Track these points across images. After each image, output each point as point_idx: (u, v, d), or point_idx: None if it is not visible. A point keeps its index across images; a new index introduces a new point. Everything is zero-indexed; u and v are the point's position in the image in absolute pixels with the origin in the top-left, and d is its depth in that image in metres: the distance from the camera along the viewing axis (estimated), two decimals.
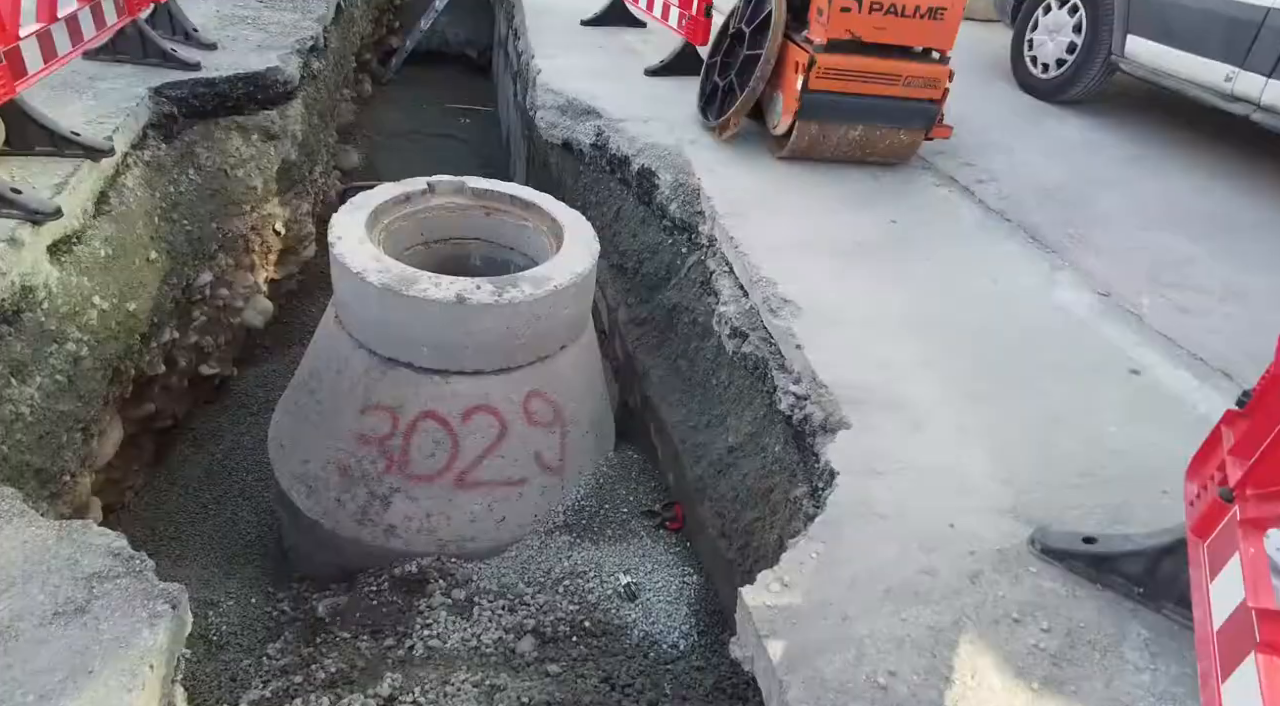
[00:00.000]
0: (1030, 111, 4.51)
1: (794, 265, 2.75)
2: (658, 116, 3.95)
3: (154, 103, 3.39)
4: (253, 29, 4.47)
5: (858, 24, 3.17)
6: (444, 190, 3.14)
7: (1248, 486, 1.38)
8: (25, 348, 2.26)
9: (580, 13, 5.63)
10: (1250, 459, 1.41)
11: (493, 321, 2.52)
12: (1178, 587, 1.56)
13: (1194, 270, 2.99)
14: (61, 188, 2.53)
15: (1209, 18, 3.62)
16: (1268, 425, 1.39)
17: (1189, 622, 1.52)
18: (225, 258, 3.86)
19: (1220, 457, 1.55)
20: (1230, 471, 1.47)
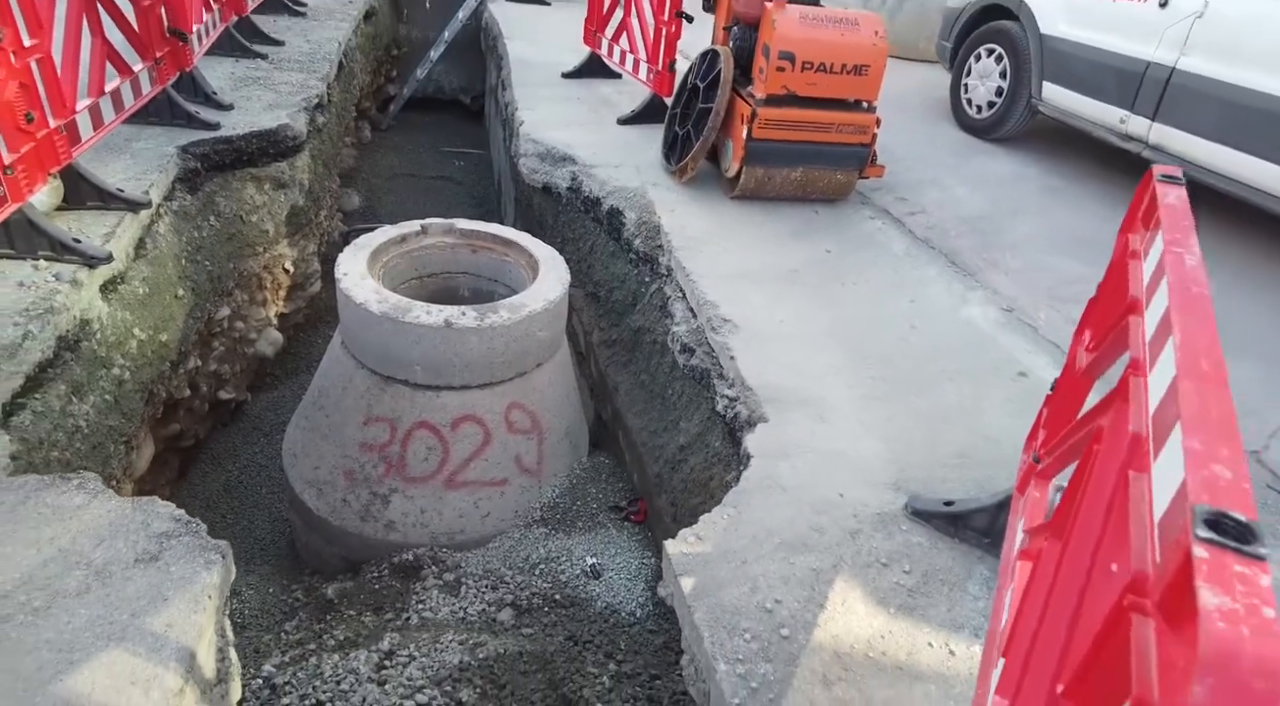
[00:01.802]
0: (965, 148, 5.00)
1: (736, 290, 3.19)
2: (627, 162, 4.43)
3: (181, 159, 3.86)
4: (264, 89, 4.97)
5: (793, 81, 3.66)
6: (435, 231, 3.60)
7: (1044, 449, 1.81)
8: (82, 371, 2.69)
9: (561, 65, 6.16)
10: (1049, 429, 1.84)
11: (476, 343, 2.95)
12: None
13: (1087, 287, 3.40)
14: (110, 236, 2.98)
15: (1103, 68, 4.12)
16: (1056, 403, 1.82)
17: None
18: (241, 294, 4.31)
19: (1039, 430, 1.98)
20: (1040, 440, 1.90)
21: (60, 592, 1.62)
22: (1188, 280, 1.08)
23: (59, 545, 1.71)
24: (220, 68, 5.14)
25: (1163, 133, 3.85)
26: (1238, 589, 0.58)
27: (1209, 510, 0.65)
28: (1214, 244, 3.90)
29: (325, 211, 5.63)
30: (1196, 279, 1.09)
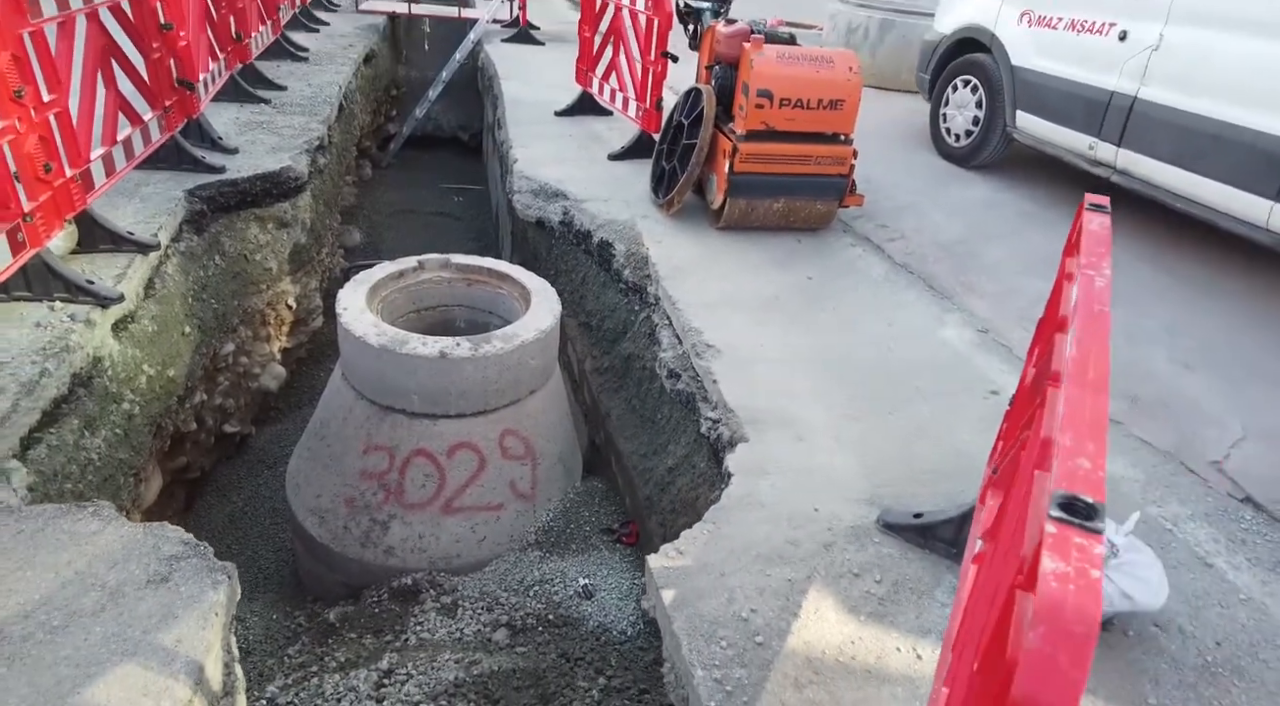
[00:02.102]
0: (945, 176, 5.17)
1: (720, 317, 3.32)
2: (616, 196, 4.60)
3: (188, 202, 4.03)
4: (268, 133, 5.17)
5: (771, 117, 3.83)
6: (432, 266, 3.75)
7: (998, 460, 1.92)
8: (95, 406, 2.82)
9: (554, 104, 6.37)
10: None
11: (471, 372, 3.08)
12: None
13: None
14: (121, 277, 3.13)
15: (1071, 97, 4.29)
16: (1011, 417, 1.94)
17: None
18: (245, 330, 4.46)
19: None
20: (998, 452, 2.01)
21: (77, 612, 1.73)
22: (1092, 300, 1.21)
23: (75, 568, 1.83)
24: (226, 113, 5.35)
25: (1129, 158, 4.01)
26: (1073, 556, 0.70)
27: (1064, 495, 0.77)
28: (1179, 262, 4.05)
29: (327, 248, 5.80)
30: (1100, 299, 1.22)
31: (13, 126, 2.59)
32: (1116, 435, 2.78)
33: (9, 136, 2.58)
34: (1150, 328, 3.42)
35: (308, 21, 8.66)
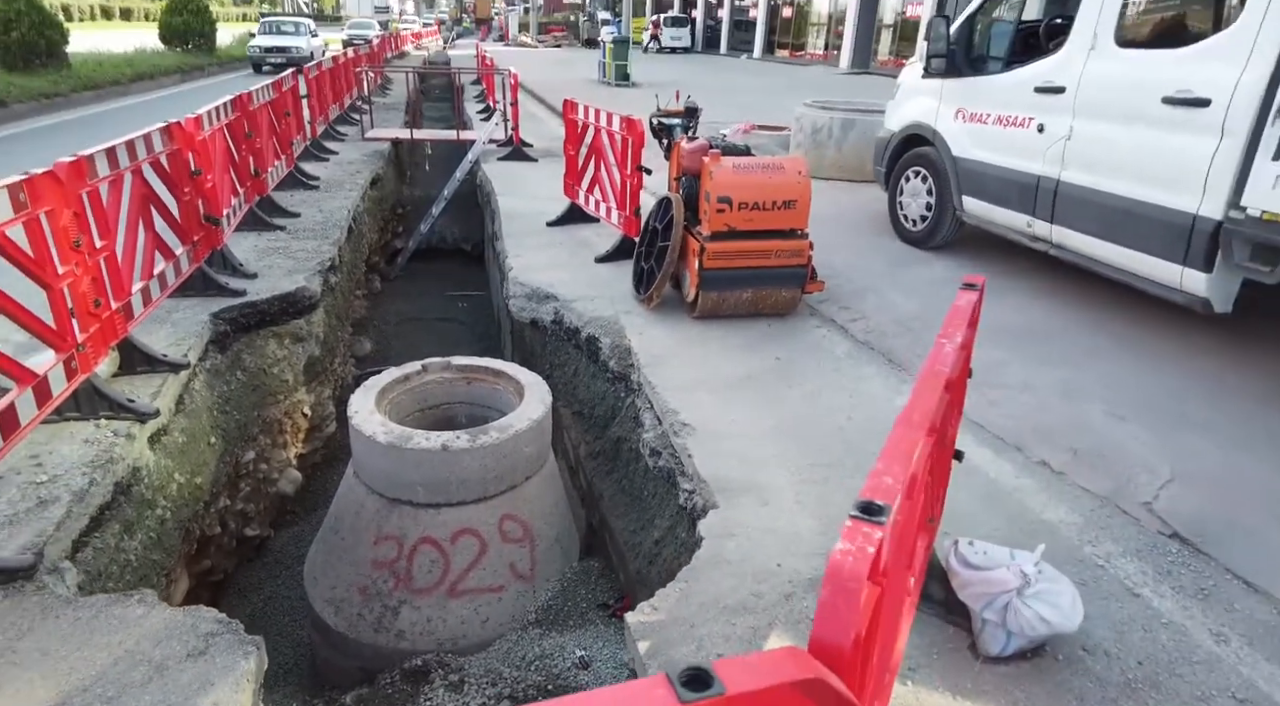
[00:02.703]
0: (905, 258, 5.60)
1: (695, 398, 3.66)
2: (602, 294, 5.03)
3: (214, 325, 4.47)
4: (284, 257, 5.69)
5: (732, 219, 4.28)
6: (434, 368, 4.12)
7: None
8: (133, 512, 3.13)
9: (546, 215, 6.92)
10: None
11: (470, 461, 3.39)
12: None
13: (1003, 371, 3.89)
14: (156, 395, 3.51)
15: (1006, 182, 4.76)
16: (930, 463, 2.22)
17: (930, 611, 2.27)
18: (264, 438, 4.81)
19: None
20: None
21: (128, 685, 2.00)
22: (937, 362, 1.54)
23: (125, 647, 2.11)
24: (246, 241, 5.89)
25: (1061, 233, 4.43)
26: (859, 540, 1.01)
27: (863, 501, 1.08)
28: (1116, 325, 4.39)
29: (339, 358, 6.23)
30: (943, 361, 1.55)
31: (71, 271, 3.03)
32: (1058, 484, 3.04)
33: (68, 280, 3.01)
34: (1088, 386, 3.73)
35: (318, 152, 9.45)
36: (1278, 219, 3.15)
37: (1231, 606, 2.40)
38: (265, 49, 22.85)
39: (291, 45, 22.76)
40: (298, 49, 22.45)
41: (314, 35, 24.94)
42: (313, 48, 23.46)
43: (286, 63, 20.28)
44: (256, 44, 23.25)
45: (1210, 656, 2.20)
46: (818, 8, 28.92)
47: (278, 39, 23.51)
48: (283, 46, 22.71)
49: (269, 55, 22.55)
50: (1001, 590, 2.11)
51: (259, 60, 22.70)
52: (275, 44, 22.93)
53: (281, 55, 22.22)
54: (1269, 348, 4.15)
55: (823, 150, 8.06)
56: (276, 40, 23.30)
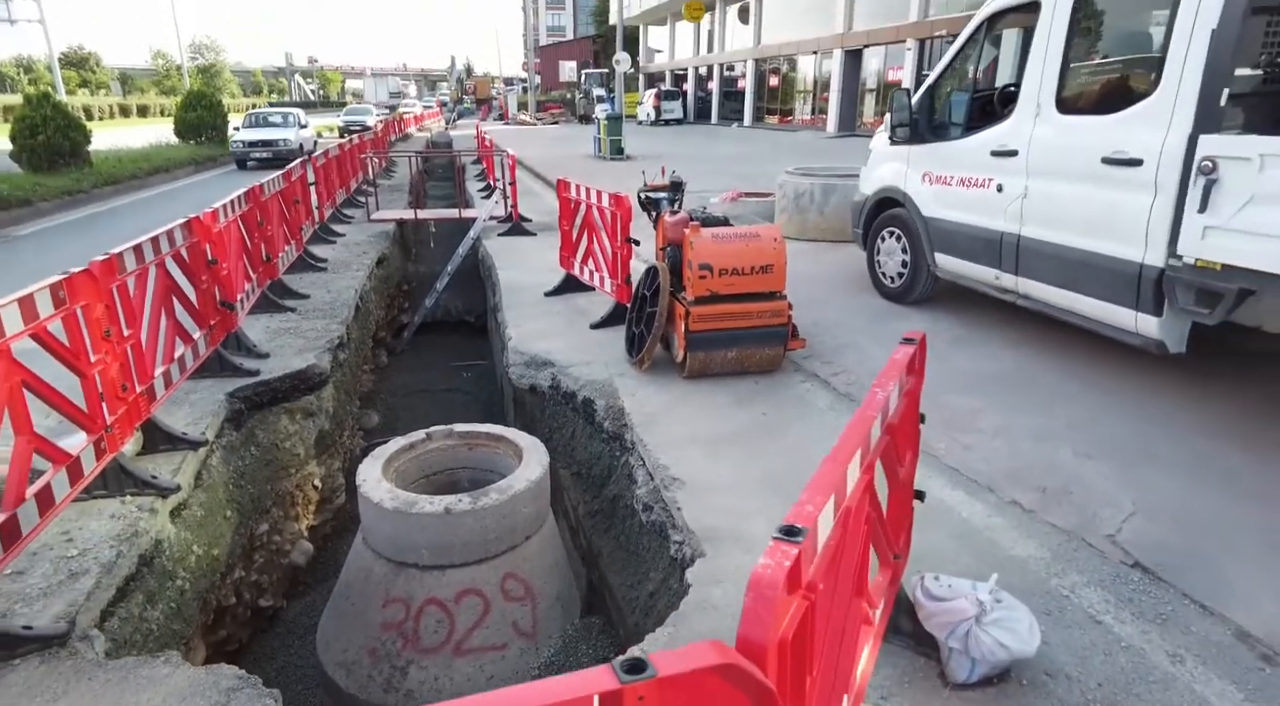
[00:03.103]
0: (884, 314, 5.86)
1: (685, 454, 3.86)
2: (597, 359, 5.28)
3: (229, 404, 4.72)
4: (294, 337, 5.99)
5: (714, 284, 4.57)
6: (438, 436, 4.35)
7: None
8: (154, 582, 3.32)
9: (544, 285, 7.25)
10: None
11: (472, 523, 3.58)
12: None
13: (977, 418, 4.08)
14: (177, 471, 3.74)
15: (973, 238, 5.05)
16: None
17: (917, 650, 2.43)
18: (277, 511, 5.00)
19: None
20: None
21: None
22: (868, 408, 1.77)
23: (154, 704, 2.28)
24: (258, 323, 6.20)
25: (1026, 284, 4.69)
26: (778, 556, 1.21)
27: (785, 525, 1.29)
28: (1084, 370, 4.61)
29: (348, 432, 6.46)
30: (874, 406, 1.78)
31: (102, 359, 3.31)
32: (1028, 522, 3.21)
33: (99, 367, 3.28)
34: (1057, 428, 3.92)
35: (326, 235, 9.90)
36: (1210, 265, 3.40)
37: (1188, 629, 2.54)
38: (249, 144, 21.22)
39: (278, 138, 21.26)
40: (285, 142, 20.97)
41: (303, 126, 23.23)
42: (301, 139, 22.00)
43: (273, 157, 19.82)
44: (239, 139, 21.65)
45: (1166, 676, 2.34)
46: (803, 75, 30.15)
47: (263, 132, 21.83)
48: (268, 140, 21.23)
49: (253, 150, 20.98)
50: (961, 618, 2.27)
51: (243, 156, 21.12)
52: (260, 138, 21.35)
53: (267, 150, 20.81)
54: (1224, 385, 4.35)
55: (805, 214, 8.45)
56: (261, 134, 21.69)
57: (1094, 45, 4.43)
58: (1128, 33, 4.24)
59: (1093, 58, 4.45)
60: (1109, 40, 4.39)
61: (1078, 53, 4.38)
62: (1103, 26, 4.36)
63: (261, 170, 18.42)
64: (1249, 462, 3.53)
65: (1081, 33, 4.35)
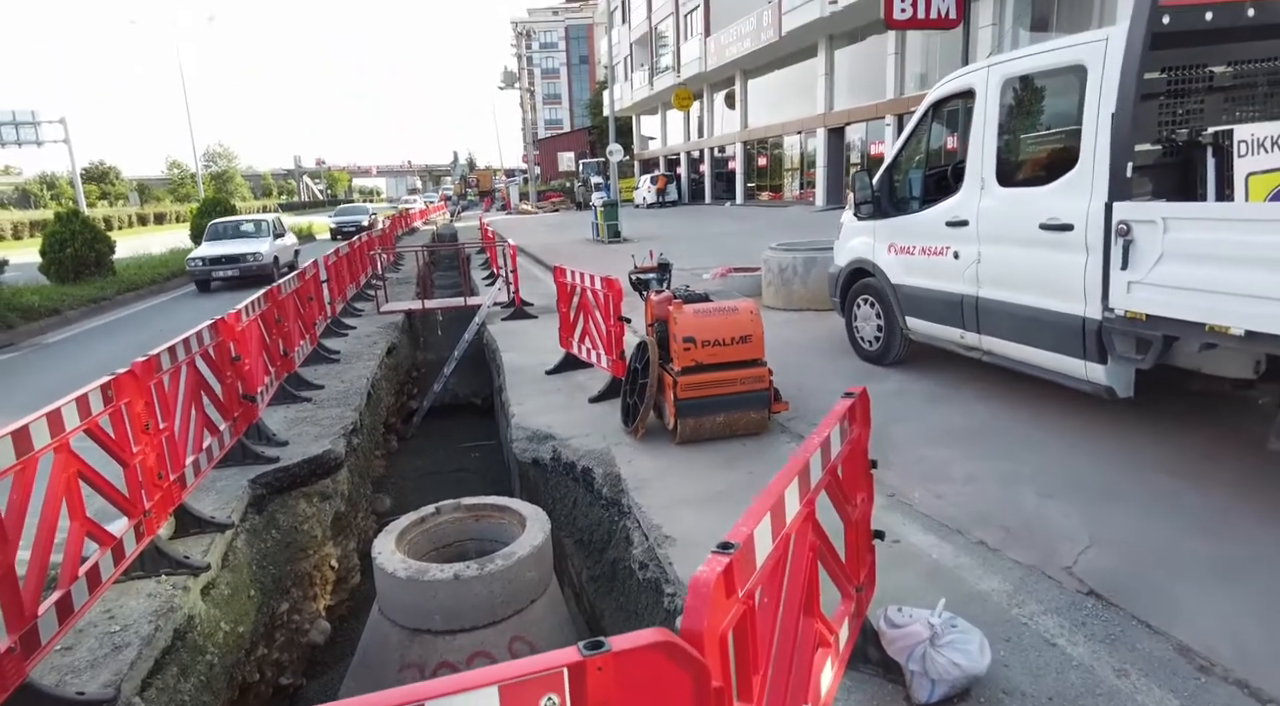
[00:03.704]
0: (864, 375, 6.20)
1: (678, 514, 4.14)
2: (595, 431, 5.61)
3: (251, 489, 5.04)
4: (311, 425, 6.35)
5: (698, 355, 4.94)
6: (447, 510, 4.64)
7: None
8: (188, 657, 3.57)
9: (545, 365, 7.64)
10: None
11: (480, 588, 3.84)
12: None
13: (949, 467, 4.37)
14: (206, 551, 4.03)
15: (937, 302, 5.44)
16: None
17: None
18: (296, 590, 5.24)
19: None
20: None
21: None
22: (806, 449, 2.10)
23: None
24: (277, 413, 6.58)
25: (988, 341, 5.04)
26: (713, 564, 1.53)
27: (723, 541, 1.61)
28: (1052, 417, 4.91)
29: (361, 513, 6.74)
30: (810, 447, 2.11)
31: (143, 450, 3.67)
32: (993, 559, 3.46)
33: (140, 457, 3.64)
34: (1022, 472, 4.20)
35: (338, 329, 10.41)
36: (1137, 316, 3.76)
37: (1134, 647, 2.77)
38: (209, 261, 16.82)
39: (246, 253, 16.95)
40: (255, 257, 16.84)
41: (279, 235, 19.01)
42: (277, 251, 17.86)
43: (240, 275, 16.65)
44: (198, 255, 17.13)
45: (1111, 689, 2.56)
46: (789, 153, 31.45)
47: (228, 245, 17.46)
48: (234, 255, 16.88)
49: (216, 268, 16.80)
50: (917, 641, 2.53)
51: (203, 276, 16.86)
52: (224, 253, 16.97)
53: (233, 267, 16.81)
54: (1176, 425, 4.64)
55: (790, 286, 8.91)
56: (225, 248, 17.28)
57: (1023, 126, 4.93)
58: (1051, 114, 4.73)
59: (1023, 137, 4.95)
60: (1035, 121, 4.90)
61: (1010, 133, 4.88)
62: (1029, 110, 4.87)
63: (229, 291, 16.06)
64: (1198, 495, 3.79)
65: (1012, 115, 4.86)
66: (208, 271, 16.88)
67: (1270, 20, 3.76)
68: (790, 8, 25.56)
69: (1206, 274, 3.38)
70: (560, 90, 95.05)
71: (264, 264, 16.82)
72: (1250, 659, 2.64)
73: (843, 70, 26.38)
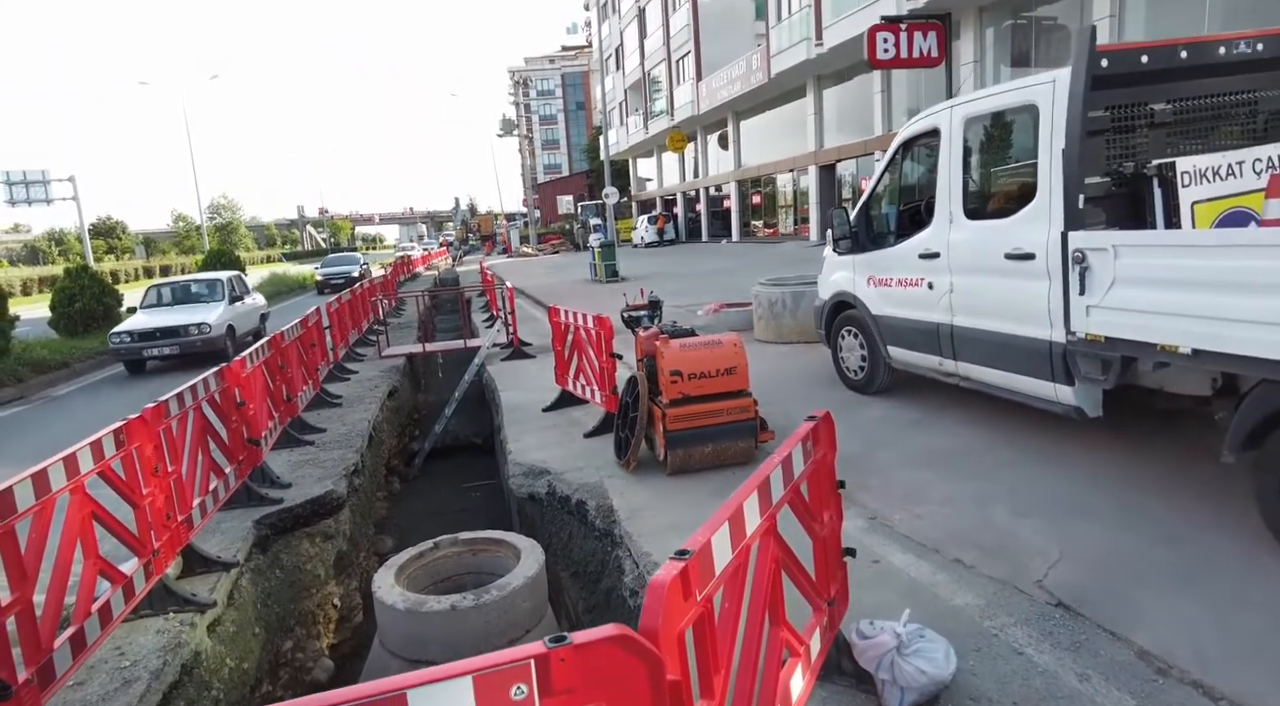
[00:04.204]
0: (850, 403, 6.37)
1: (667, 540, 4.27)
2: (589, 464, 5.76)
3: (256, 529, 5.20)
4: (313, 467, 6.52)
5: (686, 387, 5.13)
6: (445, 544, 4.78)
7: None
8: (194, 691, 3.69)
9: (542, 402, 7.83)
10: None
11: (476, 618, 3.97)
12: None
13: (929, 489, 4.51)
14: (213, 590, 4.18)
15: (916, 331, 5.64)
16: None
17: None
18: (300, 629, 5.35)
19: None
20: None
21: None
22: (766, 467, 2.27)
23: None
24: (281, 457, 6.75)
25: (964, 367, 5.23)
26: (669, 568, 1.70)
27: (681, 549, 1.78)
28: (1028, 438, 5.06)
29: (363, 553, 6.86)
30: (769, 466, 2.28)
31: (152, 492, 3.84)
32: (968, 576, 3.59)
33: (149, 499, 3.81)
34: (998, 492, 4.34)
35: (341, 373, 10.63)
36: (1097, 338, 3.94)
37: (1097, 653, 2.90)
38: (139, 336, 12.84)
39: (189, 324, 12.92)
40: (201, 328, 12.87)
41: (237, 298, 14.60)
42: (233, 318, 13.83)
43: (180, 354, 12.78)
44: (124, 329, 13.08)
45: (1073, 691, 2.69)
46: (783, 190, 32.02)
47: (166, 316, 13.46)
48: (173, 327, 12.85)
49: (148, 345, 12.83)
50: (884, 650, 2.66)
51: (131, 355, 13.01)
52: (159, 325, 12.96)
53: (171, 342, 12.79)
54: (1145, 443, 4.79)
55: (780, 319, 9.14)
56: (163, 318, 13.30)
57: (985, 162, 5.19)
58: (1010, 151, 4.99)
59: (986, 172, 5.20)
60: (996, 157, 5.15)
61: (974, 169, 5.13)
62: (990, 147, 5.13)
63: (166, 373, 12.65)
64: (1164, 509, 3.93)
65: (974, 152, 5.12)
66: (137, 349, 12.77)
67: (1202, 61, 4.03)
68: (778, 50, 26.32)
69: (1155, 297, 3.58)
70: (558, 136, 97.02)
71: (212, 337, 12.83)
72: (1206, 660, 2.77)
73: (832, 109, 27.04)
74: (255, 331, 14.79)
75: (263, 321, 15.54)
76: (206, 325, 12.94)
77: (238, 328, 13.98)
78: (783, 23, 26.48)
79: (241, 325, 14.25)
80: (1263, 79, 4.25)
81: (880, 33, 16.26)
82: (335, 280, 28.12)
